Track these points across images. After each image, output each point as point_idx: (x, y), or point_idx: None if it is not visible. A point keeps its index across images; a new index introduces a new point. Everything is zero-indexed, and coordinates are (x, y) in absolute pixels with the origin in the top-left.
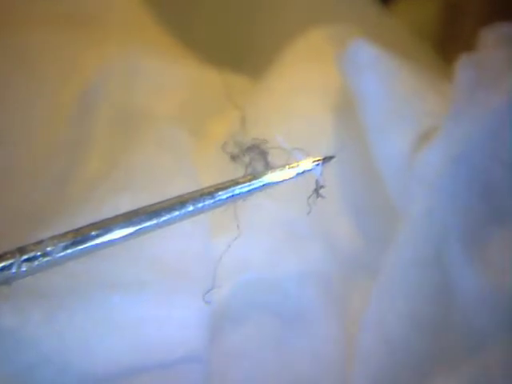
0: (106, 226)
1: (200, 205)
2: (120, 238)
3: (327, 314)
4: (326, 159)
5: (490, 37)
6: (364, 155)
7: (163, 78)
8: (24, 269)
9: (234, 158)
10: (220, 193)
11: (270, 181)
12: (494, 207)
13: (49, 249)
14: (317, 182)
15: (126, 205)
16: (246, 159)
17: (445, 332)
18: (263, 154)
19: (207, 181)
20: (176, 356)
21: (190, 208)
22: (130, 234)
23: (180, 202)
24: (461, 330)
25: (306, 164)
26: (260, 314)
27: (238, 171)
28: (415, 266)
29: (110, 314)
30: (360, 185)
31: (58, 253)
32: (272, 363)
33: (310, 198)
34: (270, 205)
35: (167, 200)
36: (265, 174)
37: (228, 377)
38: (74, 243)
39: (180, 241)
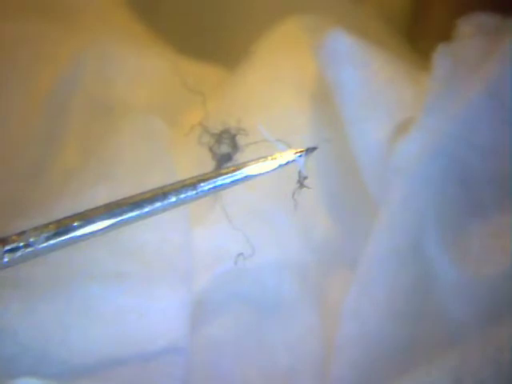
0: (88, 217)
1: (182, 196)
2: (102, 228)
3: (305, 304)
4: (309, 150)
5: (467, 27)
6: (341, 146)
7: (138, 68)
8: (6, 259)
9: (210, 147)
10: (202, 184)
11: (252, 172)
12: (471, 197)
13: (31, 240)
14: (300, 173)
15: (103, 195)
16: (220, 147)
17: (422, 321)
18: (233, 139)
19: (184, 170)
20: (156, 347)
21: (173, 199)
22: (112, 225)
23: (162, 193)
24: (438, 320)
25: (289, 155)
26: (239, 304)
27: (213, 160)
28: (393, 256)
29: (89, 304)
30: (337, 175)
31: (40, 244)
32: (251, 354)
33: (294, 192)
34: (248, 195)
35: (149, 191)
36: (247, 166)
37: (207, 367)
38: (57, 234)
39: (160, 231)
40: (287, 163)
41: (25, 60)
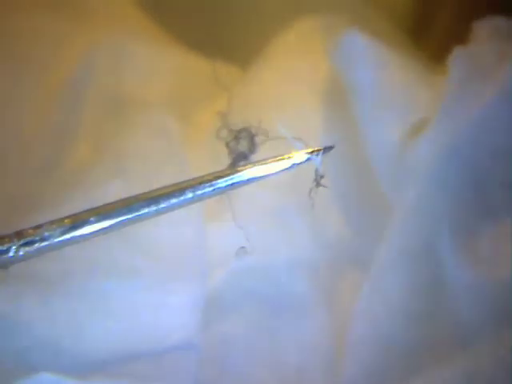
0: (104, 211)
1: (199, 192)
2: (118, 223)
3: (317, 303)
4: (326, 149)
5: (483, 30)
6: (354, 145)
7: (152, 64)
8: (22, 253)
9: (227, 143)
10: (219, 181)
11: (269, 171)
12: (484, 199)
13: (47, 233)
14: (317, 172)
15: (116, 191)
16: (237, 145)
17: (434, 323)
18: (252, 138)
19: (197, 167)
20: (170, 343)
21: (189, 195)
22: (128, 220)
23: (179, 189)
24: (450, 321)
25: (306, 154)
26: (251, 301)
27: (228, 157)
28: (405, 257)
29: (104, 299)
30: (350, 175)
31: (56, 238)
32: (262, 351)
33: (311, 191)
34: (262, 193)
35: (166, 187)
36: (265, 164)
37: (219, 364)
38: (72, 228)
39: (174, 227)
40: (304, 162)
41: (37, 57)
